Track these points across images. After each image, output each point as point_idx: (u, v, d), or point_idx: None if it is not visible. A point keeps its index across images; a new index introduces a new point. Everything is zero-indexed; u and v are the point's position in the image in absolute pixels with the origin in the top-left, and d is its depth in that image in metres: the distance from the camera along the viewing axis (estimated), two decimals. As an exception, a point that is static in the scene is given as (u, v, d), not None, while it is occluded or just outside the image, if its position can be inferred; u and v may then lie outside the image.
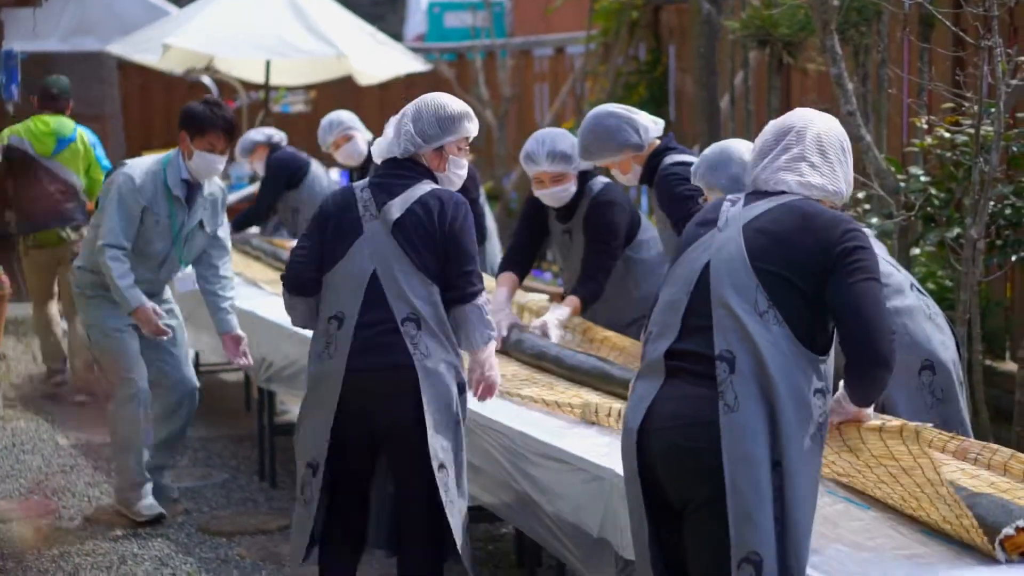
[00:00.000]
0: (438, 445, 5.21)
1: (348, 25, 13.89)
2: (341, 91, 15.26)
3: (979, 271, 6.38)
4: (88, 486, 8.29)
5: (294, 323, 5.56)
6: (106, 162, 10.59)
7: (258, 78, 14.29)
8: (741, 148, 5.66)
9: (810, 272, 3.87)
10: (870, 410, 4.04)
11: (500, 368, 6.27)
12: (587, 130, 6.56)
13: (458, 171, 5.46)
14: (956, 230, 6.72)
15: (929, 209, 6.85)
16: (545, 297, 7.52)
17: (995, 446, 4.50)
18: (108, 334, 7.33)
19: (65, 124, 10.43)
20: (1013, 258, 6.76)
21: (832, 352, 3.94)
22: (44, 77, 10.78)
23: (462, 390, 5.36)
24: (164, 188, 7.14)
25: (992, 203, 6.44)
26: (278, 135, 10.76)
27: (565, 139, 6.78)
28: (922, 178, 6.96)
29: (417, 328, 5.22)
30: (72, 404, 10.24)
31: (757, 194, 4.07)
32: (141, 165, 7.21)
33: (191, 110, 7.18)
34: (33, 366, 11.44)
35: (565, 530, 5.00)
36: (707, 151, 5.69)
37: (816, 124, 4.13)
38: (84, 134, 10.46)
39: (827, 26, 6.81)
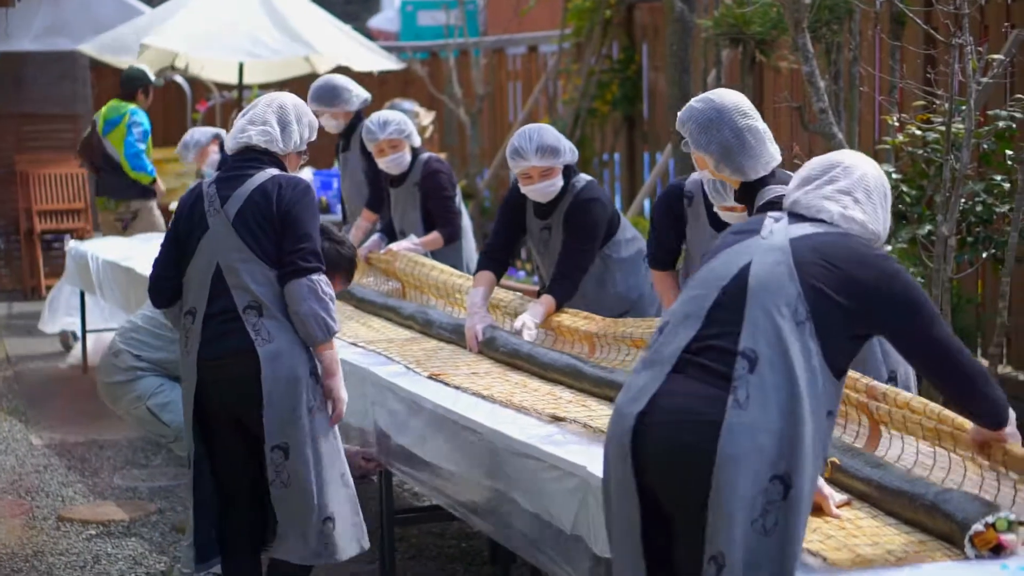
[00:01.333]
0: (275, 427, 5.33)
1: (321, 23, 13.89)
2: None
3: (950, 268, 6.41)
4: (62, 486, 8.27)
5: (173, 326, 5.71)
6: (138, 146, 11.83)
7: (230, 78, 14.27)
8: (736, 104, 5.32)
9: (859, 295, 3.82)
10: (1012, 428, 4.06)
11: (474, 366, 6.30)
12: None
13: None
14: (927, 227, 6.75)
15: (900, 206, 6.88)
16: (518, 295, 7.53)
17: (896, 390, 4.54)
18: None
19: (116, 108, 11.94)
20: (984, 255, 6.79)
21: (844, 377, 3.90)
22: (15, 76, 11.49)
23: (315, 374, 5.43)
24: None
25: (963, 200, 6.46)
26: (222, 131, 11.07)
27: (550, 132, 6.77)
28: (893, 175, 6.98)
29: (258, 315, 5.33)
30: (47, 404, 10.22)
31: (796, 216, 4.04)
32: None
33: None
34: (7, 366, 11.42)
35: (538, 527, 5.00)
36: (697, 104, 5.34)
37: (864, 165, 4.11)
38: (129, 116, 11.85)
39: (799, 24, 6.82)
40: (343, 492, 5.53)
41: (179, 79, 15.38)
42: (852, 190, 4.04)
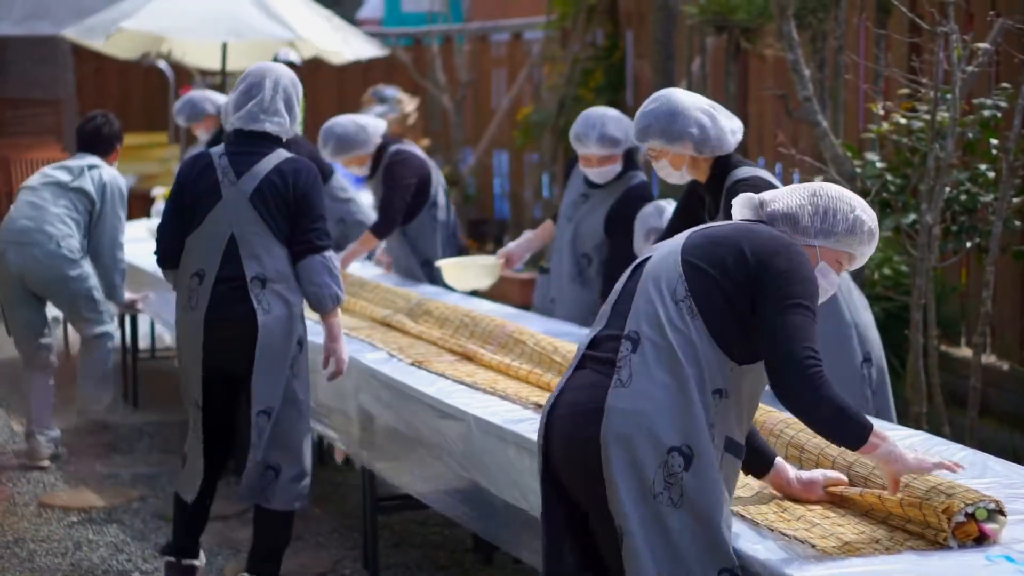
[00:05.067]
0: (263, 391, 5.90)
1: (305, 9, 13.83)
2: (297, 75, 15.22)
3: (934, 257, 6.40)
4: (43, 472, 8.24)
5: (171, 284, 6.18)
6: None
7: (213, 64, 14.22)
8: (683, 92, 5.50)
9: (737, 273, 3.82)
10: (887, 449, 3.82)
11: (457, 353, 6.27)
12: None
13: None
14: (912, 216, 6.74)
15: (885, 195, 6.87)
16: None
17: (791, 419, 4.44)
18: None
19: None
20: (968, 244, 6.78)
21: (757, 366, 3.85)
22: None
23: (301, 343, 6.03)
24: None
25: (947, 189, 6.46)
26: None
27: (613, 120, 6.98)
28: (878, 164, 6.97)
29: (262, 287, 5.88)
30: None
31: None
32: None
33: None
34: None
35: (515, 515, 4.98)
36: (649, 107, 5.42)
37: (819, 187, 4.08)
38: None
39: (784, 12, 6.81)
40: (303, 449, 6.06)
41: (162, 64, 15.31)
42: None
